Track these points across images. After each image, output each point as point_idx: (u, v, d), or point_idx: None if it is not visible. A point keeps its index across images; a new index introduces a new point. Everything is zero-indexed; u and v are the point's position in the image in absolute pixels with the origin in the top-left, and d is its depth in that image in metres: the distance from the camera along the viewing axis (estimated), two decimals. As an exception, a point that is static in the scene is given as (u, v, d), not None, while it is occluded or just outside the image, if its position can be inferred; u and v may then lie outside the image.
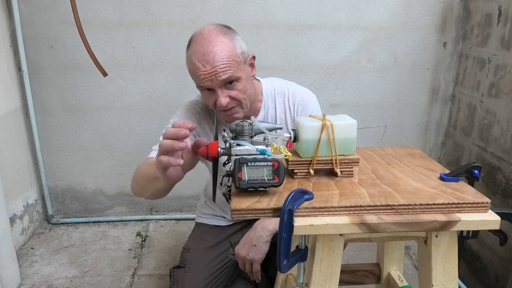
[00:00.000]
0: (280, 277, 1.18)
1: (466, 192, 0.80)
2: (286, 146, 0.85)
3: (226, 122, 1.27)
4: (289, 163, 0.86)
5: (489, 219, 0.75)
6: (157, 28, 2.00)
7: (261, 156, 0.78)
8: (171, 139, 0.82)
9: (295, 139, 0.86)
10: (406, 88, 2.19)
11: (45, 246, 2.04)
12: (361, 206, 0.75)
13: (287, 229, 0.72)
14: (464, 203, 0.76)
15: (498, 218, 0.75)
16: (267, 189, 0.79)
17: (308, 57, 2.10)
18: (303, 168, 0.86)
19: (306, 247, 0.83)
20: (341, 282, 0.84)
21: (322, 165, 0.86)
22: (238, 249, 1.26)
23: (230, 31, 1.13)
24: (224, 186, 1.42)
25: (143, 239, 2.09)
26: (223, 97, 1.10)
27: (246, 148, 0.81)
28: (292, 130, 0.86)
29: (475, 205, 0.76)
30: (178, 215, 2.31)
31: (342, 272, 0.84)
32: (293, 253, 0.80)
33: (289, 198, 0.72)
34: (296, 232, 0.73)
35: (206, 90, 1.13)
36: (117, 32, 1.99)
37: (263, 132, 0.85)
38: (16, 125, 2.00)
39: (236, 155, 0.80)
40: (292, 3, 2.00)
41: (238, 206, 0.74)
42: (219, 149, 0.82)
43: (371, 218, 0.74)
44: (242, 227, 1.51)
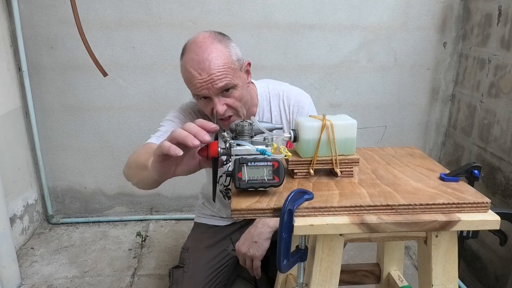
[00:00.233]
0: (280, 277, 1.18)
1: (466, 192, 0.80)
2: (286, 146, 0.85)
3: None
4: (289, 163, 0.86)
5: (489, 219, 0.75)
6: (157, 28, 2.00)
7: (261, 156, 0.78)
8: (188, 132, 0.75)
9: (295, 139, 0.86)
10: (406, 88, 2.19)
11: (45, 246, 2.04)
12: (361, 206, 0.75)
13: (287, 229, 0.72)
14: (464, 203, 0.76)
15: (498, 218, 0.75)
16: (267, 189, 0.79)
17: (308, 57, 2.10)
18: (303, 168, 0.86)
19: (306, 247, 0.83)
20: (341, 282, 0.84)
21: (322, 165, 0.86)
22: (239, 245, 1.26)
23: (225, 38, 1.12)
24: (221, 185, 1.42)
25: (143, 239, 2.09)
26: (220, 105, 1.10)
27: (246, 148, 0.81)
28: (292, 130, 0.86)
29: (475, 205, 0.76)
30: (178, 215, 2.31)
31: (342, 272, 0.84)
32: (293, 253, 0.80)
33: (289, 198, 0.72)
34: (296, 232, 0.73)
35: (203, 99, 1.12)
36: (117, 32, 1.99)
37: (263, 132, 0.85)
38: (16, 125, 2.00)
39: (236, 155, 0.80)
40: (292, 3, 2.00)
41: (238, 206, 0.74)
42: (219, 149, 0.82)
43: (371, 218, 0.74)
44: (241, 227, 1.51)
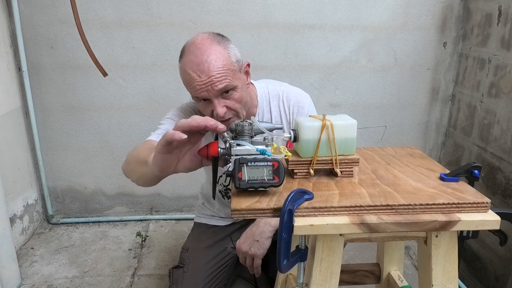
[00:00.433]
0: (280, 277, 1.18)
1: (466, 192, 0.80)
2: (286, 146, 0.85)
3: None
4: (289, 163, 0.86)
5: (489, 219, 0.75)
6: (157, 28, 2.00)
7: (261, 156, 0.78)
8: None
9: (295, 139, 0.86)
10: (406, 88, 2.19)
11: (45, 246, 2.04)
12: (361, 206, 0.75)
13: (287, 229, 0.72)
14: (464, 203, 0.76)
15: (498, 218, 0.75)
16: (267, 189, 0.79)
17: (308, 57, 2.10)
18: (303, 168, 0.86)
19: (306, 247, 0.83)
20: (341, 282, 0.84)
21: (322, 165, 0.86)
22: (240, 244, 1.25)
23: (224, 40, 1.12)
24: (221, 185, 1.42)
25: (143, 239, 2.09)
26: (220, 107, 1.09)
27: (246, 148, 0.81)
28: (292, 130, 0.86)
29: (475, 205, 0.76)
30: (178, 215, 2.31)
31: (342, 272, 0.84)
32: (293, 253, 0.80)
33: (289, 198, 0.72)
34: (296, 232, 0.73)
35: (202, 101, 1.11)
36: (117, 32, 1.99)
37: (263, 132, 0.85)
38: (16, 125, 2.00)
39: (236, 155, 0.80)
40: (292, 3, 2.00)
41: (238, 206, 0.74)
42: (219, 149, 0.82)
43: (371, 218, 0.74)
44: (241, 227, 1.51)
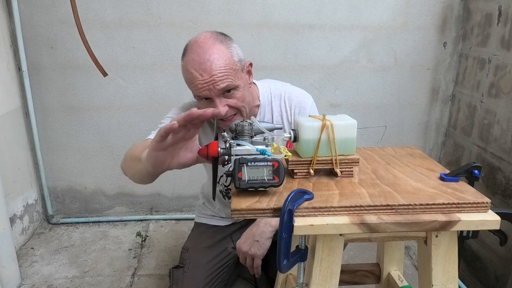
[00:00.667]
0: (280, 277, 1.18)
1: (466, 192, 0.80)
2: (286, 146, 0.85)
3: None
4: (289, 163, 0.86)
5: (489, 219, 0.75)
6: (157, 28, 2.00)
7: (261, 156, 0.78)
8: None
9: (295, 139, 0.86)
10: (406, 88, 2.19)
11: (45, 246, 2.04)
12: (361, 206, 0.75)
13: (287, 229, 0.72)
14: (464, 203, 0.76)
15: (498, 218, 0.75)
16: (267, 189, 0.79)
17: (308, 57, 2.10)
18: (303, 168, 0.86)
19: (306, 247, 0.83)
20: (341, 282, 0.84)
21: (322, 165, 0.86)
22: (240, 244, 1.25)
23: (227, 39, 1.12)
24: (221, 185, 1.42)
25: (143, 239, 2.09)
26: (222, 106, 1.09)
27: (246, 148, 0.81)
28: (292, 130, 0.86)
29: (475, 205, 0.76)
30: (178, 215, 2.31)
31: (342, 272, 0.84)
32: (293, 253, 0.80)
33: (289, 198, 0.72)
34: (296, 232, 0.73)
35: (204, 100, 1.11)
36: (117, 32, 1.99)
37: (263, 132, 0.86)
38: (16, 125, 2.00)
39: (236, 155, 0.80)
40: (292, 3, 2.00)
41: (238, 206, 0.74)
42: (219, 149, 0.82)
43: (371, 218, 0.74)
44: (241, 227, 1.51)
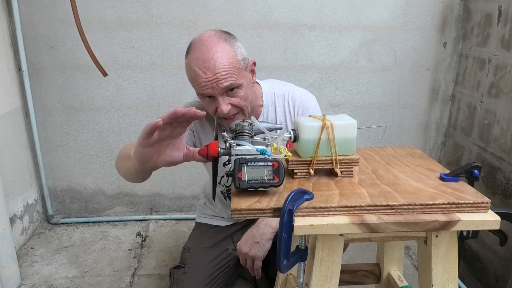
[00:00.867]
0: (280, 277, 1.18)
1: (466, 192, 0.80)
2: (286, 146, 0.85)
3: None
4: (289, 163, 0.86)
5: (489, 219, 0.75)
6: (157, 28, 2.00)
7: (261, 156, 0.78)
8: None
9: (295, 139, 0.86)
10: (406, 88, 2.19)
11: (45, 246, 2.04)
12: (361, 206, 0.75)
13: (287, 229, 0.72)
14: (464, 203, 0.76)
15: (498, 218, 0.75)
16: (267, 189, 0.79)
17: (308, 57, 2.10)
18: (303, 168, 0.86)
19: (306, 247, 0.83)
20: (341, 282, 0.84)
21: (322, 165, 0.86)
22: (240, 245, 1.25)
23: (231, 37, 1.12)
24: (223, 186, 1.42)
25: (143, 239, 2.09)
26: (225, 105, 1.09)
27: (246, 148, 0.81)
28: (292, 130, 0.86)
29: (475, 205, 0.76)
30: (178, 215, 2.31)
31: (342, 272, 0.84)
32: (293, 253, 0.80)
33: (289, 198, 0.72)
34: (296, 232, 0.73)
35: (207, 98, 1.11)
36: (117, 32, 1.99)
37: (263, 132, 0.86)
38: (16, 125, 2.00)
39: (236, 155, 0.80)
40: (292, 3, 2.00)
41: (238, 206, 0.74)
42: (219, 149, 0.82)
43: (371, 218, 0.74)
44: (242, 227, 1.51)
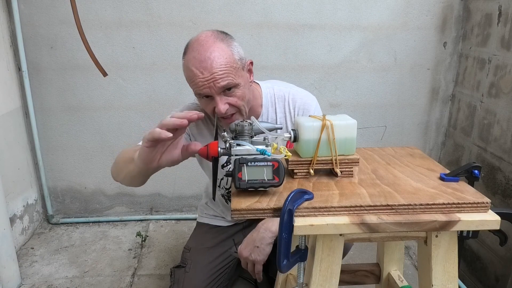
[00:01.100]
0: (280, 277, 1.18)
1: (466, 192, 0.80)
2: (286, 146, 0.85)
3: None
4: (289, 163, 0.86)
5: (489, 219, 0.75)
6: (157, 28, 2.00)
7: (261, 156, 0.78)
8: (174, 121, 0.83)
9: (295, 139, 0.86)
10: (406, 88, 2.19)
11: (45, 246, 2.04)
12: (361, 206, 0.75)
13: (287, 229, 0.72)
14: (464, 203, 0.76)
15: (498, 218, 0.75)
16: (267, 189, 0.79)
17: (308, 57, 2.10)
18: (303, 168, 0.86)
19: (306, 247, 0.83)
20: (341, 282, 0.84)
21: (322, 165, 0.86)
22: (241, 249, 1.26)
23: (228, 37, 1.12)
24: (223, 188, 1.42)
25: (143, 239, 2.09)
26: (222, 104, 1.09)
27: (246, 148, 0.81)
28: (292, 130, 0.86)
29: (475, 205, 0.76)
30: (178, 215, 2.31)
31: (342, 272, 0.84)
32: (293, 253, 0.80)
33: (289, 198, 0.72)
34: (296, 232, 0.73)
35: (204, 97, 1.11)
36: (117, 32, 1.99)
37: (263, 132, 0.86)
38: (16, 125, 2.00)
39: (236, 155, 0.80)
40: (292, 3, 2.00)
41: (238, 206, 0.74)
42: (219, 149, 0.82)
43: (371, 218, 0.74)
44: (243, 228, 1.51)
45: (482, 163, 1.83)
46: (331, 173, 0.88)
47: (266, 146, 0.82)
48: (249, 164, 0.76)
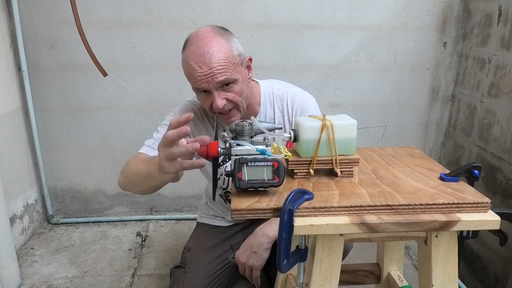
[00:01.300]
0: (280, 277, 1.18)
1: (466, 192, 0.80)
2: (286, 146, 0.85)
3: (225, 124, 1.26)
4: (289, 163, 0.86)
5: (489, 219, 0.75)
6: (157, 28, 2.00)
7: (261, 156, 0.78)
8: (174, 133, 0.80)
9: (295, 139, 0.86)
10: (406, 88, 2.19)
11: (45, 246, 2.04)
12: (361, 206, 0.75)
13: (287, 229, 0.72)
14: (464, 203, 0.76)
15: (498, 218, 0.75)
16: (267, 189, 0.79)
17: (308, 57, 2.10)
18: (303, 168, 0.86)
19: (306, 247, 0.83)
20: (341, 282, 0.84)
21: (322, 165, 0.86)
22: (239, 255, 1.25)
23: (227, 33, 1.12)
24: (220, 189, 1.42)
25: (143, 239, 2.09)
26: (220, 99, 1.09)
27: (246, 148, 0.81)
28: (292, 130, 0.86)
29: (475, 205, 0.76)
30: (178, 215, 2.31)
31: (342, 272, 0.84)
32: (293, 253, 0.80)
33: (289, 198, 0.72)
34: (296, 232, 0.73)
35: (202, 92, 1.11)
36: (117, 32, 1.99)
37: (263, 132, 0.85)
38: (16, 125, 2.00)
39: (236, 155, 0.80)
40: (292, 3, 2.00)
41: (238, 206, 0.74)
42: (219, 149, 0.82)
43: (371, 218, 0.74)
44: (243, 228, 1.51)
45: (482, 163, 1.83)
46: (331, 173, 0.88)
47: (266, 146, 0.82)
48: (249, 164, 0.76)
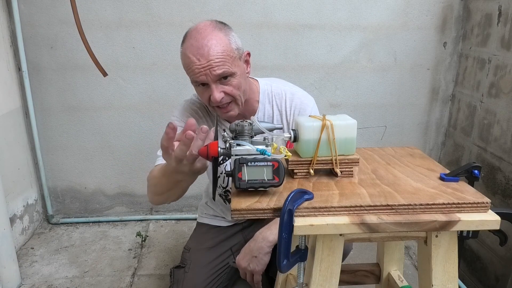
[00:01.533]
0: (280, 277, 1.18)
1: (466, 192, 0.80)
2: (286, 146, 0.85)
3: (225, 121, 1.26)
4: (289, 163, 0.86)
5: (489, 219, 0.75)
6: (157, 28, 2.00)
7: (261, 156, 0.78)
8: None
9: (295, 139, 0.86)
10: (406, 88, 2.19)
11: (45, 246, 2.04)
12: (361, 206, 0.75)
13: (287, 229, 0.72)
14: (464, 203, 0.76)
15: (498, 218, 0.75)
16: (267, 189, 0.79)
17: (308, 57, 2.10)
18: (303, 168, 0.86)
19: (306, 247, 0.83)
20: (341, 282, 0.84)
21: (322, 165, 0.86)
22: (239, 260, 1.25)
23: (226, 27, 1.13)
24: (220, 187, 1.42)
25: (143, 239, 2.09)
26: (218, 92, 1.10)
27: (246, 148, 0.81)
28: (292, 130, 0.86)
29: (475, 205, 0.76)
30: (178, 215, 2.31)
31: (342, 272, 0.84)
32: (293, 253, 0.80)
33: (289, 198, 0.72)
34: (296, 232, 0.73)
35: (201, 85, 1.12)
36: (117, 32, 1.99)
37: (263, 132, 0.85)
38: (16, 125, 2.00)
39: (236, 155, 0.80)
40: (292, 3, 2.00)
41: (238, 206, 0.74)
42: (219, 149, 0.82)
43: (371, 218, 0.74)
44: (243, 228, 1.51)
45: (482, 163, 1.83)
46: (331, 173, 0.88)
47: (266, 146, 0.82)
48: (249, 164, 0.76)
